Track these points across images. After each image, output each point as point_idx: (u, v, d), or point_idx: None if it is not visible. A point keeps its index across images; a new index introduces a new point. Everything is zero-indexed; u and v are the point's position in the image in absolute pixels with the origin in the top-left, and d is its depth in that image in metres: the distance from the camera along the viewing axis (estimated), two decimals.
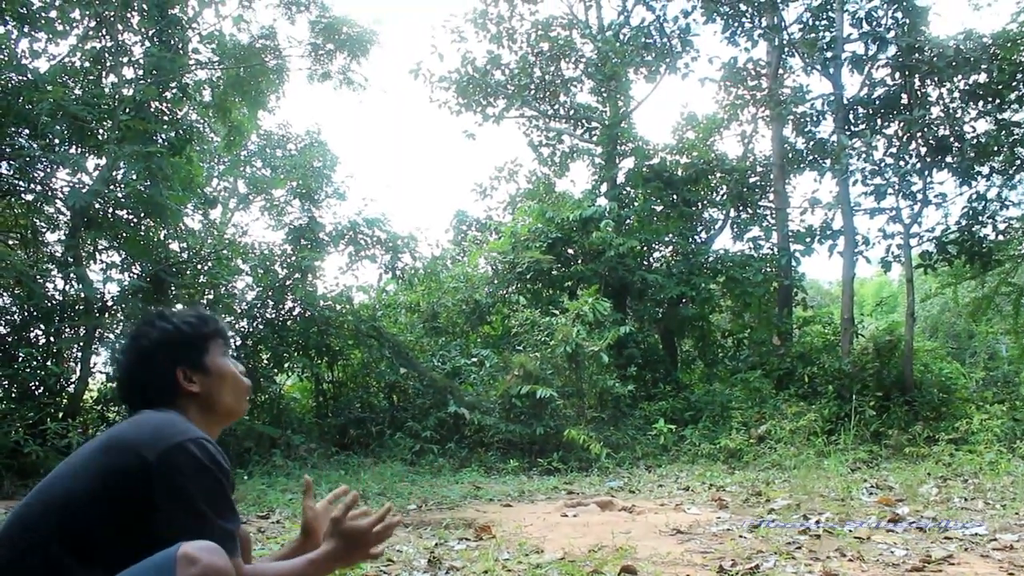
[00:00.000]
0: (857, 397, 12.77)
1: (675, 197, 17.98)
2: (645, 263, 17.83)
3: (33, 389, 10.71)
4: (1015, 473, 8.72)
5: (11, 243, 11.80)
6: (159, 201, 11.31)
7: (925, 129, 14.68)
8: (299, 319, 13.90)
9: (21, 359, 10.76)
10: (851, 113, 16.21)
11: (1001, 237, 15.43)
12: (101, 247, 12.34)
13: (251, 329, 13.62)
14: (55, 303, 11.42)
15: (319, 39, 15.15)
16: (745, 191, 18.26)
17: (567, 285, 16.80)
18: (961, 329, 23.59)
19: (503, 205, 21.18)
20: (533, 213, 17.70)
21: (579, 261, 17.07)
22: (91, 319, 11.13)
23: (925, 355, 15.20)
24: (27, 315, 11.26)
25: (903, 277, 16.08)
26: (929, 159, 15.03)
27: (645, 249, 17.82)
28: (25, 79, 10.98)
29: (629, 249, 16.12)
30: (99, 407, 11.61)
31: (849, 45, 16.23)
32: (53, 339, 11.30)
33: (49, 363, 10.95)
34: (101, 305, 11.65)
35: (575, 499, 7.92)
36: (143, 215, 12.05)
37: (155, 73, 12.07)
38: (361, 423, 13.18)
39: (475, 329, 17.21)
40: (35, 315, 11.20)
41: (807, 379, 14.67)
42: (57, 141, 11.36)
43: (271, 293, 13.79)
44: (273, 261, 14.21)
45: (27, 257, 11.75)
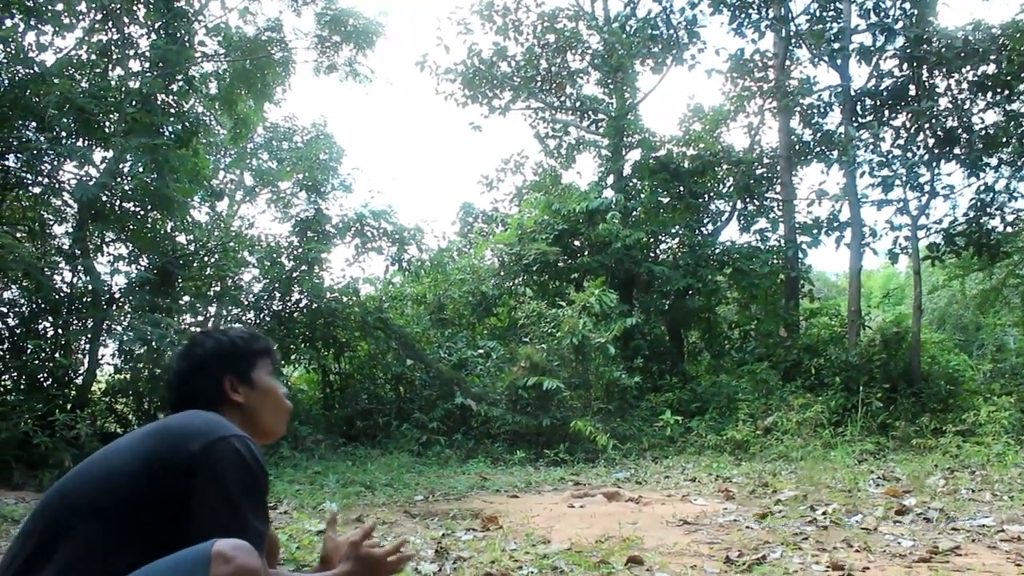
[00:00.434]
0: (864, 389, 12.74)
1: (682, 189, 17.93)
2: (652, 255, 17.80)
3: (42, 381, 10.76)
4: (1023, 465, 8.70)
5: (19, 236, 11.83)
6: (166, 193, 11.34)
7: (933, 120, 14.63)
8: (306, 311, 13.94)
9: (30, 351, 10.79)
10: (858, 104, 16.17)
11: (1009, 229, 15.37)
12: (108, 239, 12.40)
13: (258, 321, 13.66)
14: (63, 295, 11.47)
15: (325, 31, 15.18)
16: (752, 183, 18.19)
17: (573, 277, 16.80)
18: (969, 321, 23.51)
19: (509, 197, 21.17)
20: (539, 205, 17.69)
21: (585, 253, 17.06)
22: (99, 311, 11.17)
23: (932, 347, 15.16)
24: (35, 307, 11.30)
25: (910, 269, 16.01)
26: (937, 150, 14.97)
27: (651, 241, 17.79)
28: (32, 72, 11.00)
29: (636, 241, 16.10)
30: (107, 399, 11.68)
31: (857, 36, 16.18)
32: (61, 331, 11.35)
33: (57, 355, 10.99)
34: (109, 297, 11.70)
35: (582, 490, 7.94)
36: (150, 207, 12.09)
37: (161, 66, 12.09)
38: (368, 414, 13.20)
39: (481, 321, 17.23)
40: (43, 307, 11.25)
41: (814, 371, 14.62)
42: (64, 134, 11.40)
43: (278, 285, 13.82)
44: (280, 253, 14.24)
45: (35, 250, 11.77)
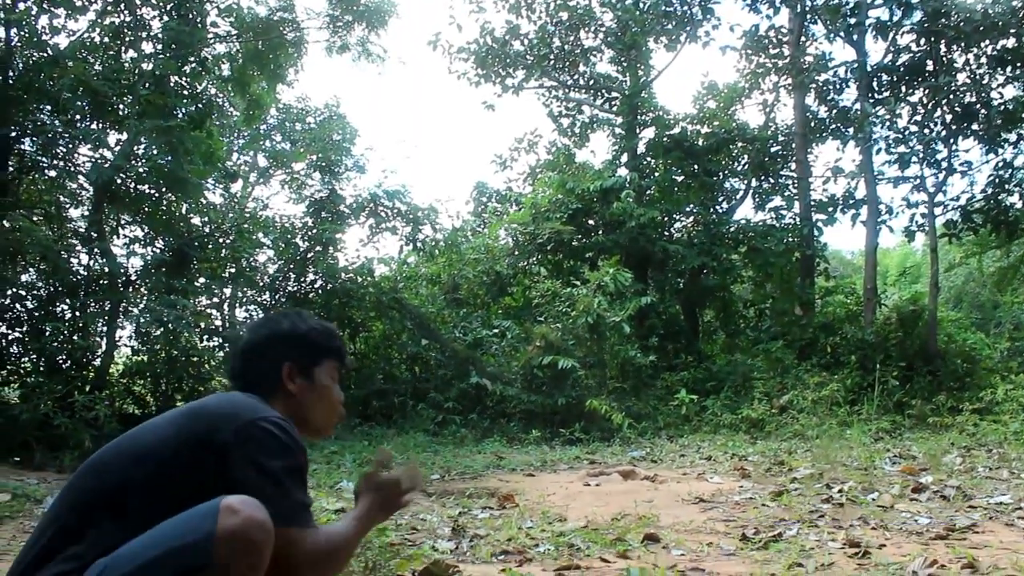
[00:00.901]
0: (880, 367, 12.68)
1: (696, 167, 17.82)
2: (666, 233, 17.73)
3: (60, 363, 10.86)
4: None
5: (36, 219, 11.90)
6: (180, 175, 11.38)
7: (951, 96, 14.47)
8: (321, 291, 14.00)
9: (48, 333, 10.89)
10: (875, 80, 15.98)
11: None
12: (124, 222, 12.48)
13: (273, 302, 13.73)
14: (80, 278, 11.56)
15: (337, 10, 15.13)
16: (767, 160, 18.05)
17: (588, 256, 16.74)
18: (986, 299, 23.37)
19: (523, 176, 21.10)
20: (553, 184, 17.63)
21: (600, 232, 16.99)
22: (116, 293, 11.26)
23: (949, 325, 15.08)
24: (53, 290, 11.39)
25: (927, 247, 15.93)
26: (955, 126, 14.82)
27: (666, 219, 17.72)
28: (46, 55, 11.03)
29: (650, 219, 16.03)
30: (124, 380, 11.78)
31: (873, 11, 15.98)
32: (79, 313, 11.44)
33: (76, 337, 11.09)
34: (125, 279, 11.79)
35: (597, 468, 7.97)
36: (164, 189, 12.13)
37: (174, 47, 12.08)
38: (384, 394, 13.27)
39: (496, 300, 17.24)
40: (61, 290, 11.34)
41: (829, 349, 14.54)
42: (78, 117, 11.45)
43: (292, 266, 13.88)
44: (294, 234, 14.30)
45: (52, 233, 11.85)
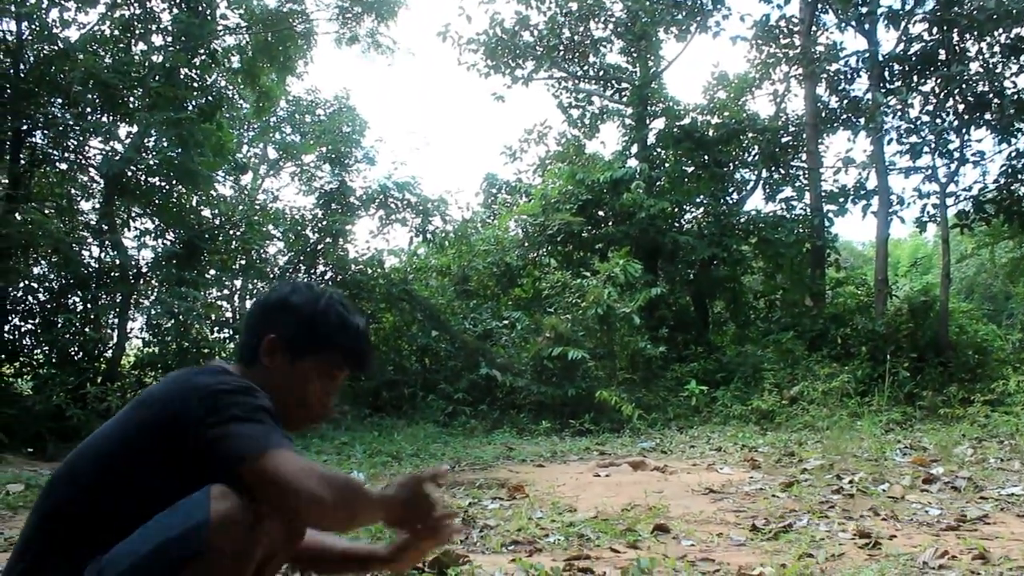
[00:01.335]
0: (891, 358, 12.60)
1: (706, 158, 17.77)
2: (676, 224, 17.68)
3: (72, 355, 10.93)
4: None
5: (47, 212, 11.96)
6: (190, 168, 11.42)
7: (963, 85, 14.35)
8: (331, 283, 14.01)
9: (60, 325, 10.97)
10: (886, 70, 15.86)
11: None
12: (135, 214, 12.53)
13: None
14: (91, 270, 11.63)
15: (346, 2, 15.11)
16: (777, 151, 17.98)
17: (598, 247, 16.71)
18: (998, 290, 23.27)
19: (533, 167, 21.08)
20: (563, 175, 17.60)
21: (610, 223, 16.96)
22: (127, 285, 11.32)
23: (960, 316, 15.01)
24: (65, 282, 11.47)
25: (938, 237, 15.83)
26: (967, 116, 14.70)
27: (676, 210, 17.65)
28: (56, 48, 11.07)
29: (660, 210, 15.99)
30: (136, 372, 11.83)
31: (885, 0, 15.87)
32: (90, 305, 11.51)
33: (87, 329, 11.16)
34: (136, 272, 11.85)
35: (607, 459, 7.96)
36: (175, 182, 12.18)
37: (184, 40, 12.11)
38: (394, 385, 13.29)
39: (506, 291, 17.24)
40: (72, 282, 11.41)
41: (840, 340, 14.49)
42: (89, 110, 11.48)
43: (303, 258, 13.90)
44: (304, 226, 14.32)
45: (63, 225, 11.92)
